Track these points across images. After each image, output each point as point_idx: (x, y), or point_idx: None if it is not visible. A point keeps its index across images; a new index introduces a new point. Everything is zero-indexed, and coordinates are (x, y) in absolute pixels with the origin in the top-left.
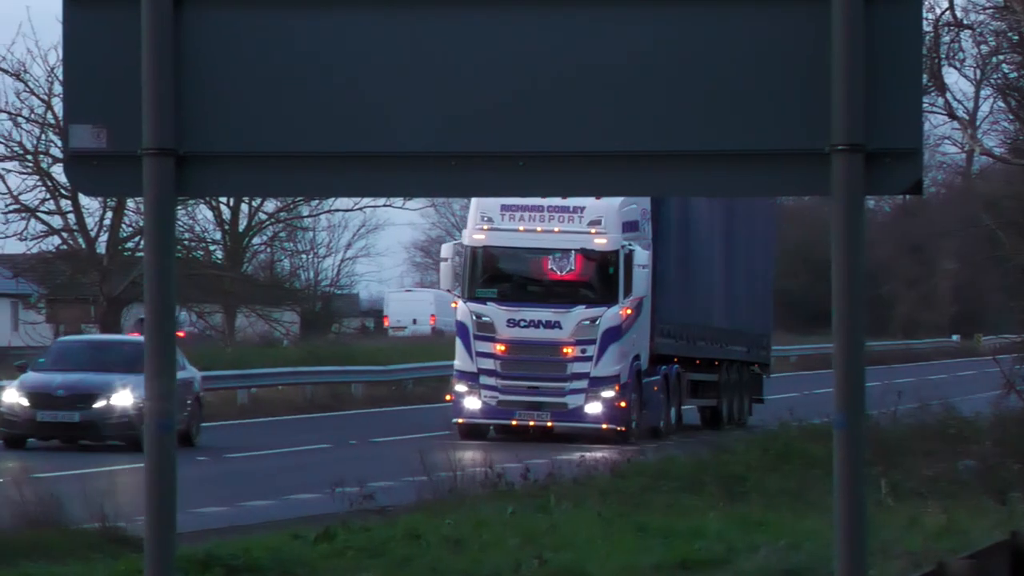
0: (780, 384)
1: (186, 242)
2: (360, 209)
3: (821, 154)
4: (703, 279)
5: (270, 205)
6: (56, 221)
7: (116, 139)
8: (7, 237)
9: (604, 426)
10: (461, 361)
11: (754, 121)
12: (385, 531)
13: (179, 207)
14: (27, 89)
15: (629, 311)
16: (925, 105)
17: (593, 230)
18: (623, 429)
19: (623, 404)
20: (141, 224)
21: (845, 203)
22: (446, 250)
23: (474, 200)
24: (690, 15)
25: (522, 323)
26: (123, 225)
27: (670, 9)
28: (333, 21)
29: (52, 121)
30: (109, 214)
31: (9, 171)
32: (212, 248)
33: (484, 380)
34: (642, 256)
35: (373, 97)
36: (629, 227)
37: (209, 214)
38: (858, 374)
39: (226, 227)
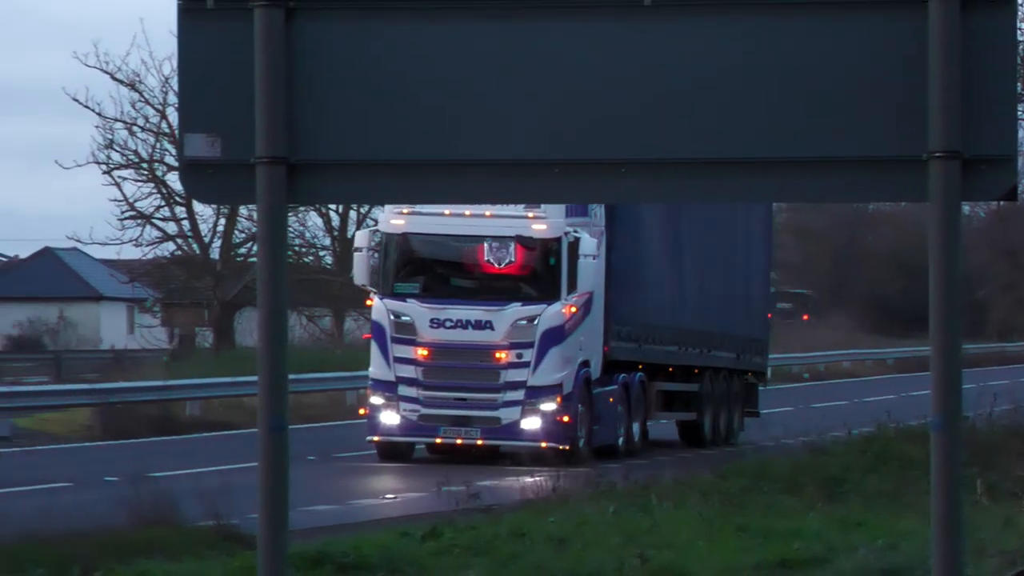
0: (878, 386)
1: (297, 247)
2: None
3: (919, 161)
4: (675, 275)
5: (378, 211)
6: (171, 227)
7: (230, 148)
8: (123, 243)
9: (543, 444)
10: (377, 369)
11: (854, 128)
12: (490, 529)
13: (290, 213)
14: (142, 99)
15: (574, 309)
16: (1020, 112)
17: (531, 214)
18: (567, 448)
19: (566, 419)
20: (253, 230)
21: (942, 209)
22: (361, 238)
23: None
24: (790, 26)
25: (447, 323)
26: (236, 231)
27: (770, 20)
28: (440, 32)
29: (166, 130)
30: (222, 220)
31: (125, 179)
32: (322, 253)
33: (403, 391)
34: (589, 245)
35: (479, 105)
36: (575, 211)
37: (319, 220)
38: (955, 377)
39: (335, 233)
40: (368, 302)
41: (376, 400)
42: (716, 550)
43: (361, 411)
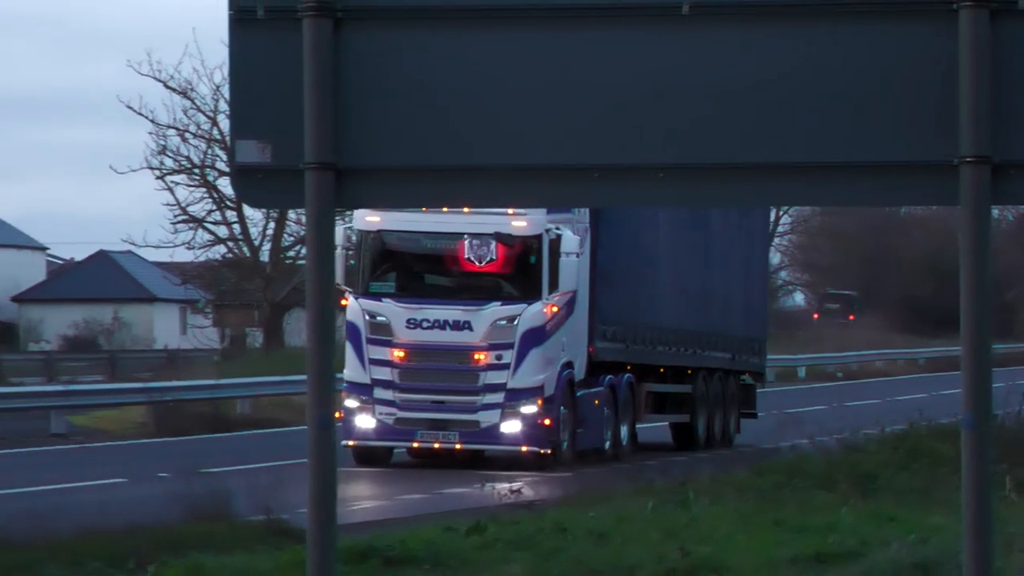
0: (909, 385)
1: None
2: None
3: (950, 166)
4: (666, 274)
5: None
6: (222, 231)
7: (279, 154)
8: (176, 246)
9: (523, 448)
10: (352, 371)
11: (886, 134)
12: (532, 524)
13: (337, 216)
14: (194, 106)
15: (555, 308)
16: None
17: (511, 210)
18: (548, 452)
19: (548, 422)
20: (302, 233)
21: (972, 212)
22: (336, 235)
23: None
24: (822, 33)
25: (424, 324)
26: (285, 234)
27: (803, 28)
28: (483, 40)
29: (218, 137)
30: (272, 224)
31: (178, 184)
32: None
33: (379, 393)
34: (571, 242)
35: (520, 112)
36: (557, 208)
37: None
38: (985, 376)
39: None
40: (343, 302)
41: (351, 403)
42: (753, 544)
43: (336, 414)
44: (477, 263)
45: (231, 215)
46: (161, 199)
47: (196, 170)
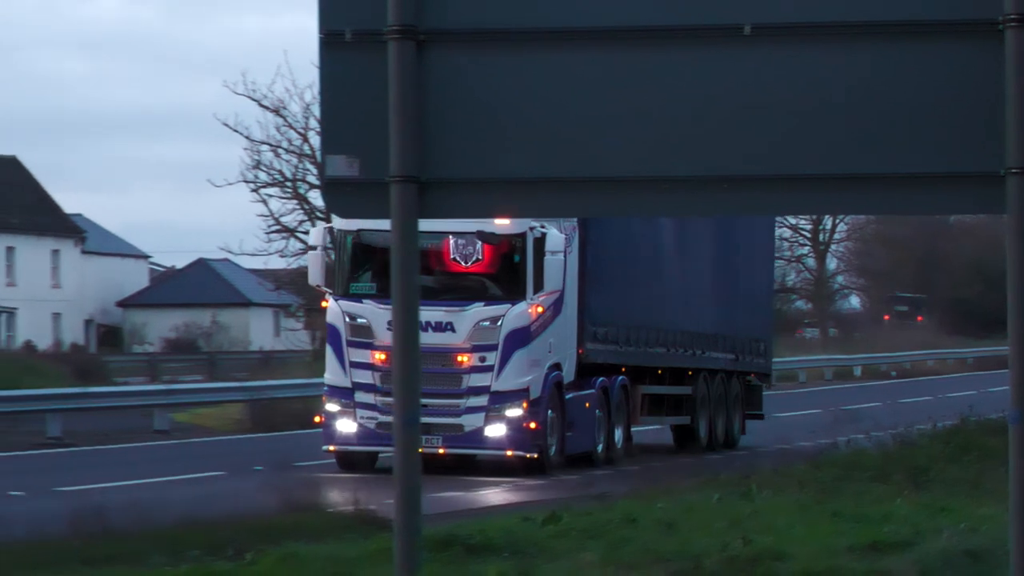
0: (959, 383)
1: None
2: None
3: (997, 176)
4: (661, 275)
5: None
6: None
7: (367, 168)
8: (270, 254)
9: (509, 453)
10: (332, 374)
11: (937, 146)
12: (604, 515)
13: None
14: (286, 123)
15: (541, 309)
16: None
17: None
18: (535, 456)
19: (534, 425)
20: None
21: (1018, 220)
22: (315, 235)
23: None
24: (877, 51)
25: None
26: None
27: (858, 46)
28: (557, 60)
29: (308, 152)
30: None
31: (271, 196)
32: None
33: (360, 397)
34: (556, 241)
35: (591, 126)
36: None
37: None
38: None
39: None
40: (323, 304)
41: (332, 407)
42: (812, 534)
43: (316, 419)
44: (463, 263)
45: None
46: (256, 210)
47: (288, 183)
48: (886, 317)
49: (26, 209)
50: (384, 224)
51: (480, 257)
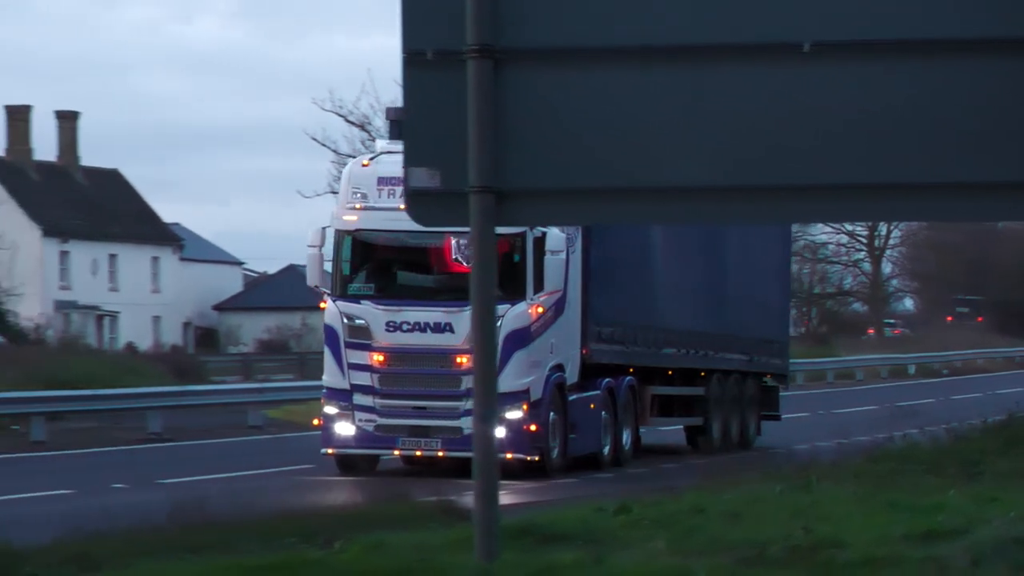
0: (1008, 380)
1: None
2: None
3: None
4: (671, 275)
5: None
6: None
7: (448, 179)
8: None
9: (508, 455)
10: (330, 376)
11: (994, 157)
12: (673, 505)
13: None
14: (370, 138)
15: (541, 309)
16: None
17: None
18: (536, 458)
19: (534, 427)
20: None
21: None
22: (313, 236)
23: (346, 171)
24: (936, 65)
25: (404, 326)
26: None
27: (917, 61)
28: (627, 77)
29: None
30: None
31: None
32: None
33: (359, 399)
34: (557, 241)
35: (660, 139)
36: None
37: None
38: None
39: None
40: (321, 305)
41: (330, 410)
42: (869, 523)
43: (315, 421)
44: (457, 263)
45: None
46: None
47: None
48: (949, 319)
49: (128, 219)
50: (381, 224)
51: (468, 255)
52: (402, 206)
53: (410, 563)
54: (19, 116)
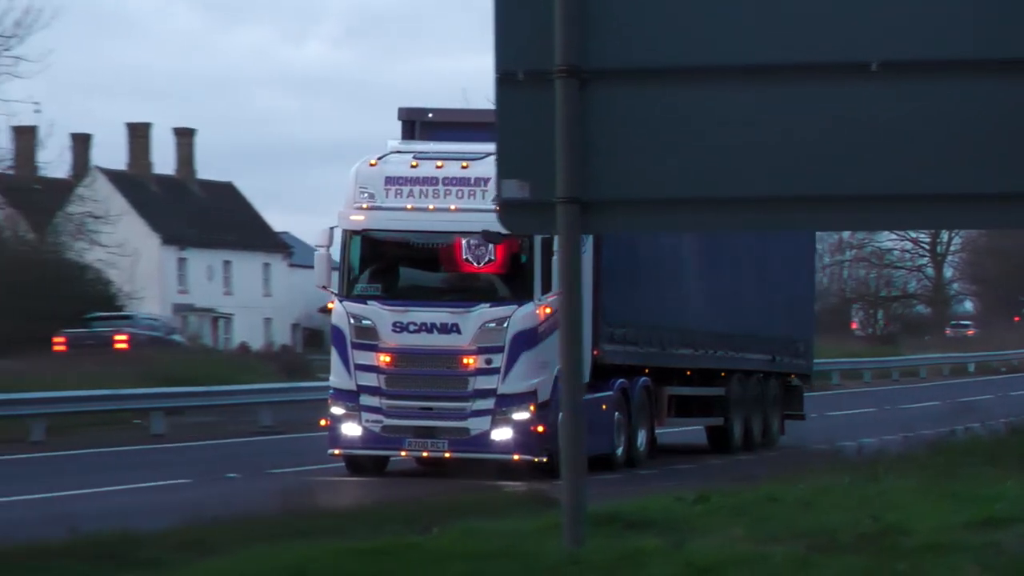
0: None
1: None
2: None
3: None
4: (688, 276)
5: None
6: None
7: (536, 190)
8: None
9: (515, 457)
10: (337, 377)
11: None
12: (749, 495)
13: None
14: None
15: (549, 310)
16: None
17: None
18: (544, 459)
19: (541, 429)
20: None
21: None
22: (321, 236)
23: (353, 171)
24: (992, 84)
25: (411, 327)
26: None
27: (974, 80)
28: (705, 94)
29: None
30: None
31: None
32: None
33: (365, 400)
34: None
35: (735, 152)
36: None
37: None
38: None
39: None
40: (328, 305)
41: (337, 410)
42: (932, 512)
43: (322, 422)
44: (464, 263)
45: None
46: None
47: None
48: (1016, 319)
49: (241, 228)
50: (388, 224)
51: (481, 257)
52: (410, 206)
53: (503, 547)
54: (140, 133)
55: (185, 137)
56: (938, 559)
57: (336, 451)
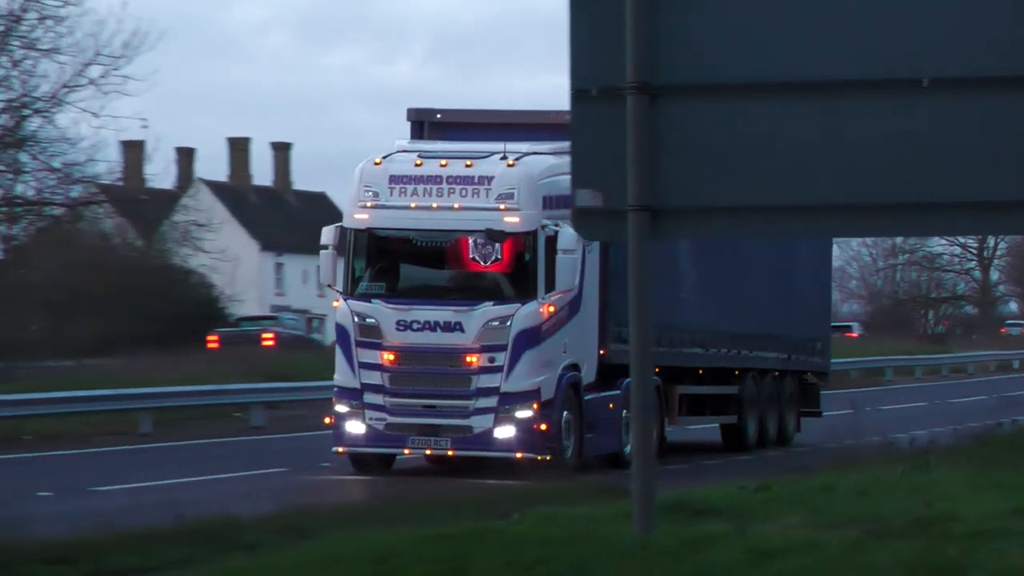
0: None
1: None
2: None
3: None
4: (697, 275)
5: None
6: None
7: (609, 199)
8: None
9: (518, 455)
10: (341, 375)
11: None
12: (806, 485)
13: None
14: None
15: (552, 309)
16: None
17: (503, 206)
18: (547, 458)
19: (544, 427)
20: None
21: None
22: (327, 234)
23: (358, 169)
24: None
25: (415, 325)
26: None
27: (1016, 95)
28: (768, 108)
29: None
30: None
31: None
32: None
33: (369, 398)
34: (569, 239)
35: (797, 162)
36: (554, 202)
37: None
38: None
39: None
40: (334, 304)
41: (341, 408)
42: (980, 500)
43: (326, 420)
44: (467, 262)
45: None
46: None
47: None
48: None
49: None
50: (392, 223)
51: (484, 255)
52: (414, 204)
53: (578, 532)
54: (240, 147)
55: (282, 150)
56: (985, 544)
57: (340, 449)
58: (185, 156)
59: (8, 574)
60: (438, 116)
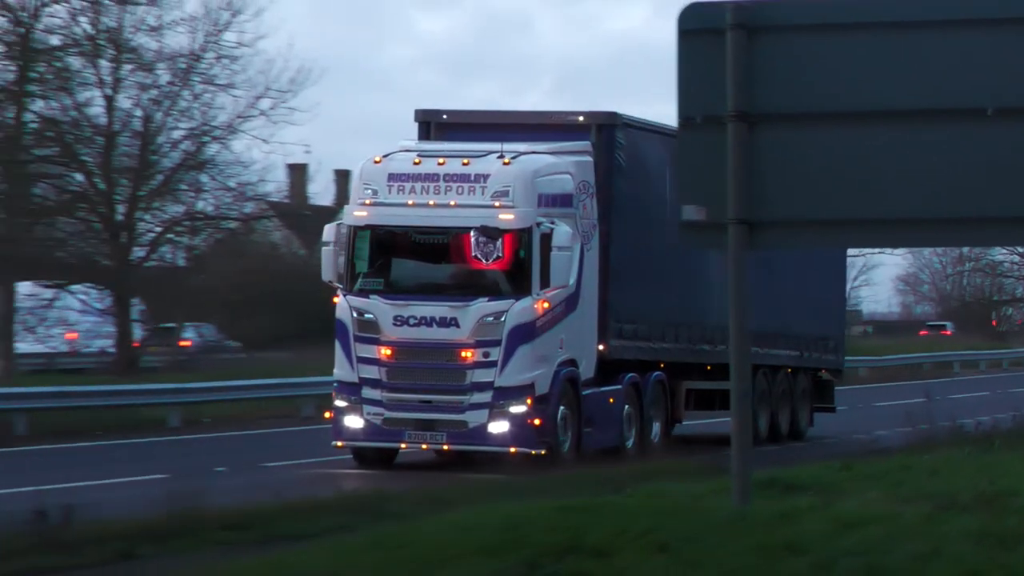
0: None
1: None
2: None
3: None
4: (703, 272)
5: None
6: None
7: (711, 213)
8: None
9: (512, 449)
10: (341, 370)
11: None
12: (884, 464)
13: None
14: None
15: (547, 304)
16: None
17: (498, 203)
18: (543, 452)
19: (538, 422)
20: None
21: None
22: (327, 232)
23: (358, 168)
24: None
25: (411, 321)
26: None
27: None
28: (852, 134)
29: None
30: None
31: None
32: None
33: (367, 393)
34: (563, 236)
35: (878, 181)
36: (550, 200)
37: None
38: None
39: None
40: (334, 300)
41: (340, 403)
42: None
43: (326, 414)
44: (463, 258)
45: None
46: None
47: None
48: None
49: None
50: (391, 220)
51: (480, 252)
52: (411, 202)
53: (684, 504)
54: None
55: None
56: None
57: (339, 443)
58: (342, 177)
59: (193, 538)
60: (444, 117)
